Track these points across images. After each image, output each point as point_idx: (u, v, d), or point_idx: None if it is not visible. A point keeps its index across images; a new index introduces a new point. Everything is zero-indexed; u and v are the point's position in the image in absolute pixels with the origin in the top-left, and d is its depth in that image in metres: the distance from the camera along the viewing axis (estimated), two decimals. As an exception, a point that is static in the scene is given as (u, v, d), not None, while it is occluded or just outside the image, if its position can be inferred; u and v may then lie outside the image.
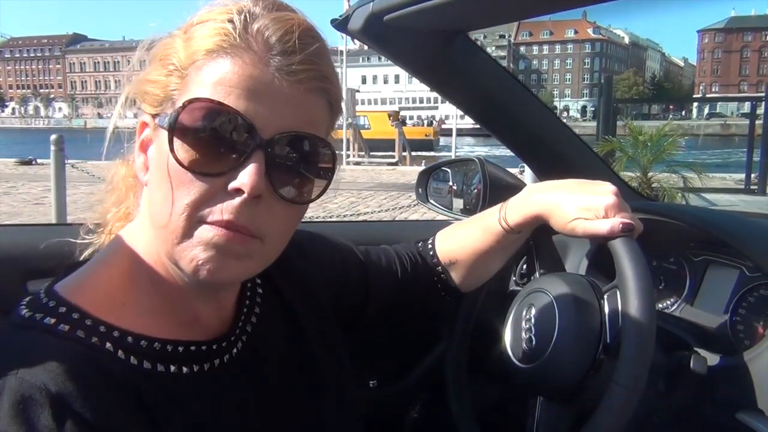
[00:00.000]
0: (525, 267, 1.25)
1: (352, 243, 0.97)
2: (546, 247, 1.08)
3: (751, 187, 9.81)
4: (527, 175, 1.44)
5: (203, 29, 0.56)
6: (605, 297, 0.83)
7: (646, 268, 0.77)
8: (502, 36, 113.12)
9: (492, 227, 0.95)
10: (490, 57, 1.18)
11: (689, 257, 1.13)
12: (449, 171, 1.61)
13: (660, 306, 1.14)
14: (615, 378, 0.73)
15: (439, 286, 1.01)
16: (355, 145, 20.45)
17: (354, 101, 23.05)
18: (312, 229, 0.93)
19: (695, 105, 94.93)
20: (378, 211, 8.32)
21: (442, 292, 1.01)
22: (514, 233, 0.93)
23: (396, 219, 7.60)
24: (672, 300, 1.14)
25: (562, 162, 1.28)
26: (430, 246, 1.03)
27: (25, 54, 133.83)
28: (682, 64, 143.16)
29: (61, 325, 0.54)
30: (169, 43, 0.59)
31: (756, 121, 10.37)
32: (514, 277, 1.29)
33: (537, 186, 0.94)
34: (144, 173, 0.60)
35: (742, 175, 10.45)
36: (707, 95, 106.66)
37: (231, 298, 0.68)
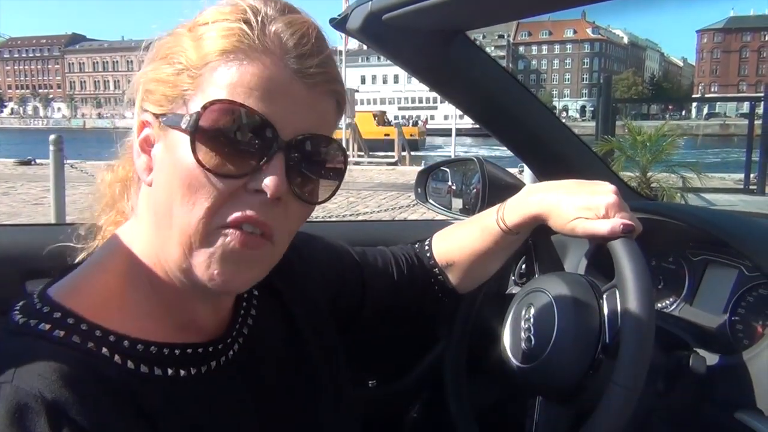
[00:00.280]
0: (524, 267, 1.25)
1: (348, 244, 0.97)
2: (545, 247, 1.08)
3: (750, 187, 9.82)
4: (526, 175, 1.44)
5: (215, 29, 0.55)
6: (604, 297, 0.83)
7: (645, 267, 0.77)
8: (501, 36, 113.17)
9: (490, 228, 0.94)
10: (489, 57, 1.18)
11: (688, 257, 1.13)
12: (448, 171, 1.61)
13: (659, 306, 1.14)
14: (614, 378, 0.73)
15: (436, 287, 1.01)
16: (355, 146, 20.44)
17: (353, 101, 23.04)
18: (312, 229, 0.93)
19: (694, 105, 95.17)
20: (377, 211, 8.32)
21: (439, 293, 1.01)
22: (512, 234, 0.93)
23: (395, 219, 7.60)
24: (671, 300, 1.14)
25: (561, 162, 1.28)
26: (427, 247, 1.03)
27: (24, 54, 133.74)
28: (681, 64, 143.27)
29: (56, 331, 0.54)
30: (174, 42, 0.58)
31: (755, 121, 10.38)
32: (513, 277, 1.29)
33: (535, 186, 0.94)
34: (147, 173, 0.59)
35: (741, 175, 10.46)
36: (706, 95, 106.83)
37: (229, 300, 0.67)
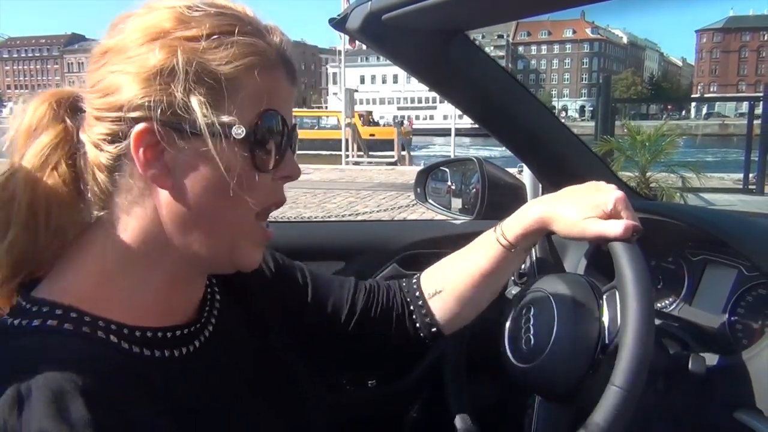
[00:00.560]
0: (524, 267, 1.26)
1: (348, 244, 0.97)
2: (545, 247, 1.08)
3: (749, 187, 9.81)
4: (526, 175, 1.44)
5: (231, 45, 0.59)
6: (604, 297, 0.83)
7: (645, 268, 0.77)
8: (500, 36, 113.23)
9: (488, 245, 0.91)
10: (488, 56, 1.18)
11: (688, 257, 1.13)
12: (448, 171, 1.61)
13: (658, 305, 1.14)
14: (614, 378, 0.73)
15: (415, 319, 0.93)
16: (354, 146, 20.44)
17: (353, 101, 23.05)
18: (312, 229, 0.93)
19: (693, 105, 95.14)
20: (377, 211, 8.32)
21: (418, 328, 0.93)
22: (510, 250, 0.90)
23: (395, 219, 7.60)
24: (670, 299, 1.14)
25: (560, 162, 1.28)
26: (414, 279, 0.97)
27: (24, 54, 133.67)
28: (680, 63, 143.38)
29: (66, 324, 0.56)
30: (200, 56, 0.58)
31: (754, 121, 10.37)
32: (512, 278, 1.29)
33: (534, 200, 0.93)
34: (163, 180, 0.59)
35: (740, 175, 10.45)
36: (705, 95, 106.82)
37: (201, 284, 0.72)
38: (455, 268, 0.94)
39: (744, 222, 1.10)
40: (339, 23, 0.99)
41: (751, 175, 9.91)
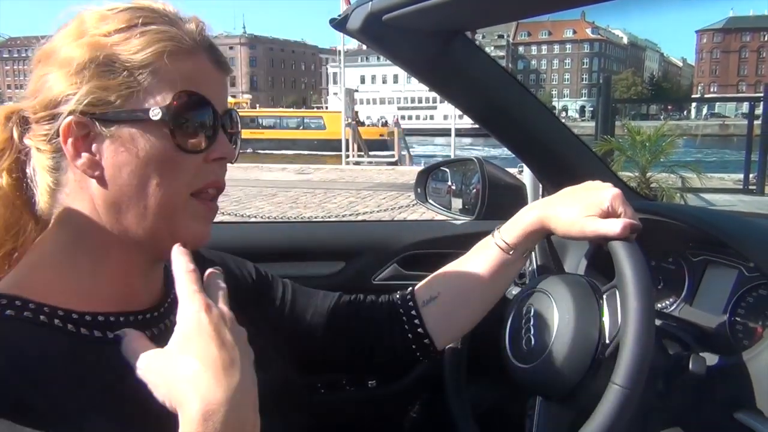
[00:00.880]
0: (524, 267, 1.25)
1: (348, 244, 0.97)
2: (544, 248, 1.08)
3: (750, 187, 9.80)
4: (526, 175, 1.44)
5: (146, 33, 0.63)
6: (604, 297, 0.83)
7: (645, 268, 0.77)
8: (500, 36, 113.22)
9: (487, 249, 0.92)
10: (488, 57, 1.18)
11: (688, 257, 1.13)
12: (448, 171, 1.61)
13: (659, 306, 1.14)
14: (614, 378, 0.73)
15: (407, 330, 0.93)
16: (354, 145, 20.44)
17: (353, 101, 23.05)
18: (311, 229, 0.94)
19: (694, 105, 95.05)
20: (377, 211, 8.32)
21: (410, 341, 0.93)
22: (509, 253, 0.91)
23: (395, 219, 7.60)
24: (671, 300, 1.14)
25: (560, 162, 1.28)
26: (409, 289, 0.97)
27: (24, 54, 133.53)
28: (680, 64, 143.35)
29: (7, 311, 0.58)
30: (108, 48, 0.62)
31: (754, 122, 10.37)
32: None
33: (532, 204, 0.93)
34: (93, 170, 0.63)
35: (740, 175, 10.44)
36: (706, 95, 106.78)
37: (161, 272, 0.73)
38: (453, 273, 0.94)
39: (744, 223, 1.10)
40: (339, 24, 0.99)
41: (752, 176, 9.90)
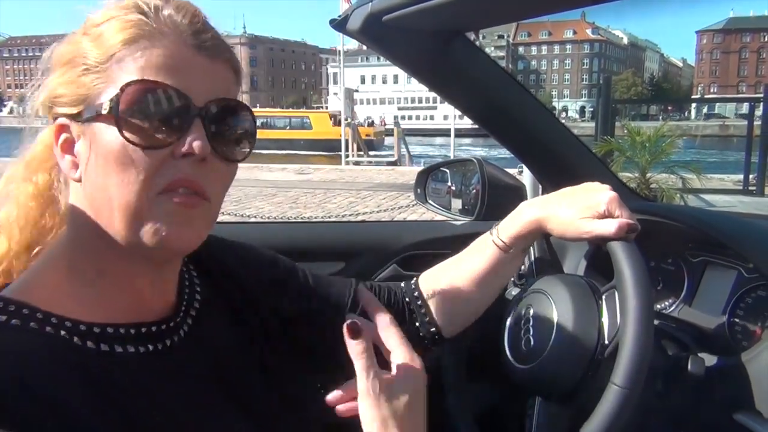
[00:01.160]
0: (523, 268, 1.25)
1: (348, 244, 0.96)
2: (544, 248, 1.08)
3: (750, 188, 9.81)
4: (526, 176, 1.44)
5: (113, 25, 0.60)
6: (603, 298, 0.83)
7: (644, 269, 0.77)
8: (500, 36, 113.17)
9: (485, 247, 0.92)
10: (488, 57, 1.18)
11: (687, 258, 1.13)
12: (448, 171, 1.61)
13: (658, 307, 1.14)
14: (613, 379, 0.73)
15: (416, 322, 0.94)
16: (354, 145, 20.44)
17: (352, 101, 23.04)
18: (311, 229, 0.93)
19: (693, 106, 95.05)
20: (377, 211, 8.32)
21: (419, 331, 0.94)
22: (507, 251, 0.91)
23: (395, 219, 7.60)
24: (670, 301, 1.14)
25: (560, 163, 1.28)
26: (413, 281, 0.98)
27: (24, 53, 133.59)
28: (680, 64, 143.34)
29: (13, 320, 0.56)
30: (73, 47, 0.62)
31: (754, 122, 10.37)
32: (512, 278, 1.29)
33: (529, 201, 0.94)
34: (74, 171, 0.62)
35: (740, 176, 10.45)
36: (706, 96, 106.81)
37: (173, 281, 0.70)
38: (452, 270, 0.95)
39: (744, 224, 1.10)
40: (339, 24, 0.99)
41: (751, 177, 9.90)
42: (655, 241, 1.05)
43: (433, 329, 0.94)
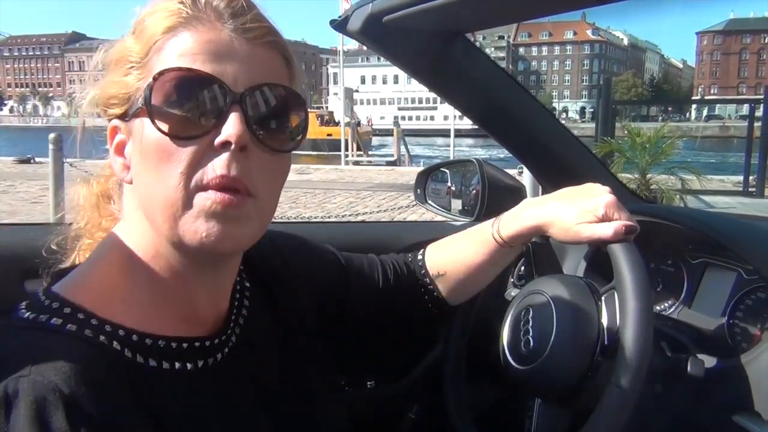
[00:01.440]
0: (523, 269, 1.25)
1: (348, 245, 0.98)
2: (543, 249, 1.08)
3: (749, 190, 9.80)
4: (526, 177, 1.44)
5: (153, 17, 0.59)
6: (603, 299, 0.83)
7: (643, 270, 0.77)
8: (501, 37, 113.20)
9: (484, 241, 0.94)
10: (488, 58, 1.18)
11: (687, 260, 1.13)
12: (448, 172, 1.61)
13: (658, 308, 1.14)
14: (612, 380, 0.73)
15: (426, 297, 0.98)
16: (354, 145, 20.43)
17: (352, 101, 23.03)
18: (310, 230, 0.94)
19: (694, 107, 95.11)
20: (377, 211, 8.32)
21: (429, 303, 0.99)
22: (506, 247, 0.93)
23: (395, 219, 7.60)
24: (670, 302, 1.14)
25: (560, 163, 1.28)
26: (420, 257, 1.01)
27: (24, 53, 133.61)
28: (680, 65, 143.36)
29: (69, 326, 0.55)
30: (121, 47, 0.61)
31: (754, 124, 10.37)
32: (511, 279, 1.29)
33: (530, 201, 0.95)
34: (126, 173, 0.61)
35: (740, 177, 10.45)
36: (706, 97, 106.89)
37: (227, 290, 0.68)
38: (454, 256, 0.98)
39: (743, 225, 1.10)
40: (340, 25, 0.99)
41: (751, 178, 9.90)
42: (655, 243, 1.06)
43: (440, 300, 0.99)
